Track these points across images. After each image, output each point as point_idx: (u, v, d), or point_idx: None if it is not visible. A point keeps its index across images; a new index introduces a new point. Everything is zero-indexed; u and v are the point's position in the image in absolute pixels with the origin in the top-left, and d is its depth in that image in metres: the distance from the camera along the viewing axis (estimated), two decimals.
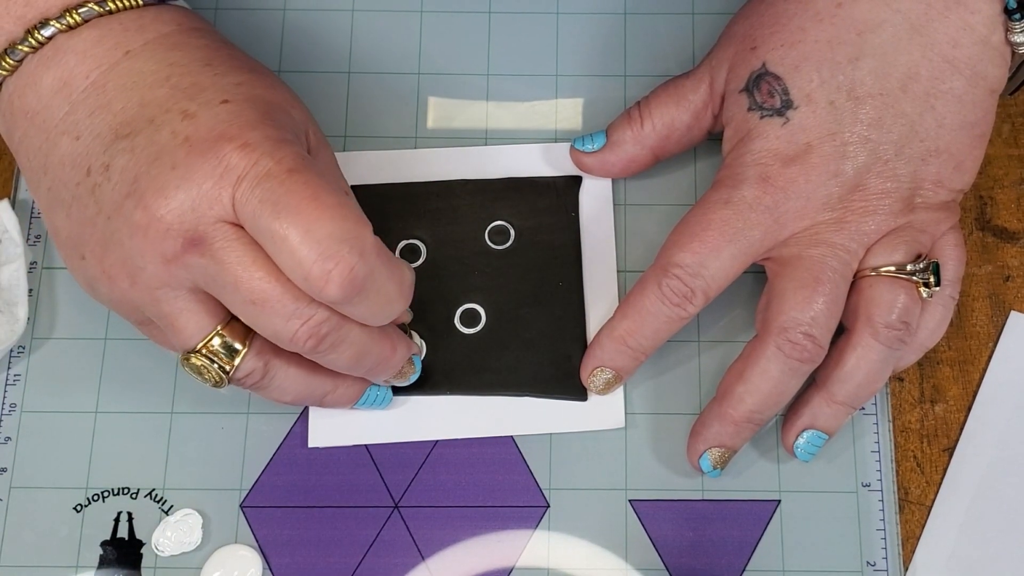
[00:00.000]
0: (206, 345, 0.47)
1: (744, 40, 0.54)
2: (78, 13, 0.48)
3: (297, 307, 0.45)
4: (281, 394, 0.51)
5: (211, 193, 0.44)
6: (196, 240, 0.45)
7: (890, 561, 0.54)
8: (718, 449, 0.53)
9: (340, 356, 0.48)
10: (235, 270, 0.45)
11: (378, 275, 0.45)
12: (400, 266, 0.48)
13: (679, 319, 0.53)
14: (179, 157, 0.45)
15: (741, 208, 0.52)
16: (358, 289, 0.44)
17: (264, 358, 0.49)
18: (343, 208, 0.44)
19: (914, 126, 0.51)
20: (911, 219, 0.52)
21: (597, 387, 0.55)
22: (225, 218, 0.45)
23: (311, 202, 0.43)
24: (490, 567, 0.54)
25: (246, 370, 0.48)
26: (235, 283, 0.45)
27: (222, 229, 0.45)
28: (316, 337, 0.46)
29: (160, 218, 0.45)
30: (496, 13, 0.63)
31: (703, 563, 0.54)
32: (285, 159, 0.44)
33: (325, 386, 0.52)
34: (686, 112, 0.56)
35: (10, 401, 0.56)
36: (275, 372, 0.50)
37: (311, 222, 0.43)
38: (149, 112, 0.47)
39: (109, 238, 0.47)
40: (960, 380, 0.57)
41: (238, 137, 0.45)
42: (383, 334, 0.51)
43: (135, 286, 0.47)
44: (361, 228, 0.45)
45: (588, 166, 0.58)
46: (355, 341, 0.48)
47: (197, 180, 0.44)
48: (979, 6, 0.50)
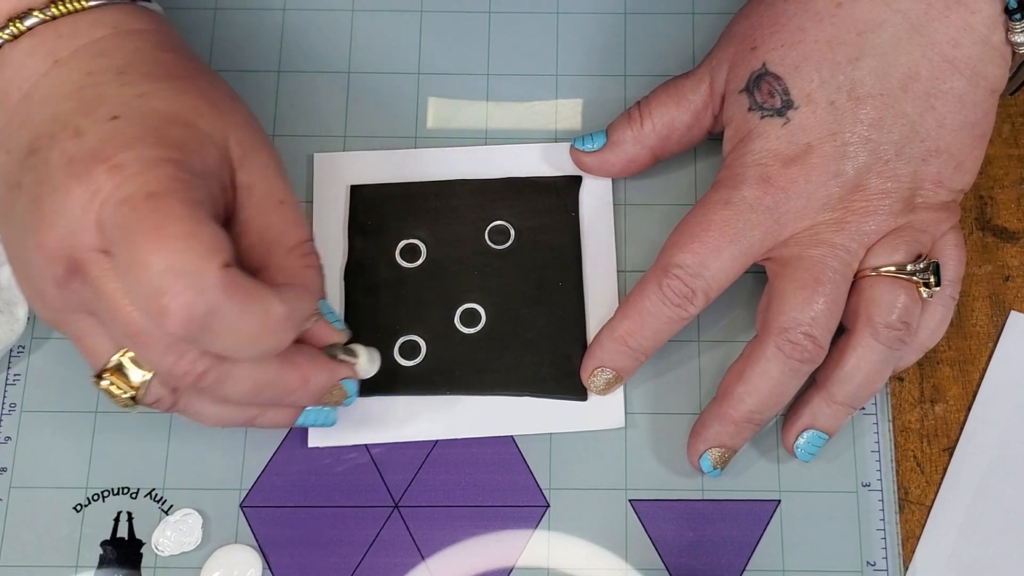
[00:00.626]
0: (108, 369, 0.46)
1: (744, 40, 0.54)
2: (22, 23, 0.47)
3: (171, 341, 0.43)
4: (201, 419, 0.49)
5: (82, 219, 0.42)
6: (75, 267, 0.44)
7: (890, 561, 0.54)
8: (718, 449, 0.53)
9: (232, 391, 0.46)
10: (110, 301, 0.43)
11: (225, 311, 0.42)
12: (262, 300, 0.43)
13: (680, 320, 0.53)
14: (60, 180, 0.43)
15: (741, 208, 0.52)
16: (199, 326, 0.41)
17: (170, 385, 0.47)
18: (189, 239, 0.41)
19: (914, 126, 0.51)
20: (911, 219, 0.52)
21: (597, 387, 0.55)
22: (96, 245, 0.43)
23: (154, 232, 0.41)
24: (490, 567, 0.54)
25: (154, 396, 0.47)
26: (111, 314, 0.44)
27: (95, 258, 0.43)
28: (193, 374, 0.45)
29: (45, 243, 0.43)
30: (496, 13, 0.63)
31: (703, 563, 0.54)
32: (149, 182, 0.42)
33: (247, 411, 0.50)
34: (686, 112, 0.56)
35: (10, 401, 0.56)
36: (186, 399, 0.48)
37: (152, 253, 0.41)
38: (53, 127, 0.45)
39: (21, 257, 0.46)
40: (960, 380, 0.57)
41: (111, 158, 0.43)
42: (286, 364, 0.48)
43: (45, 307, 0.46)
44: (204, 261, 0.41)
45: (588, 166, 0.58)
46: (243, 376, 0.46)
47: (71, 205, 0.43)
48: (979, 6, 0.50)
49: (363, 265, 0.58)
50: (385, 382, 0.56)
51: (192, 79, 0.49)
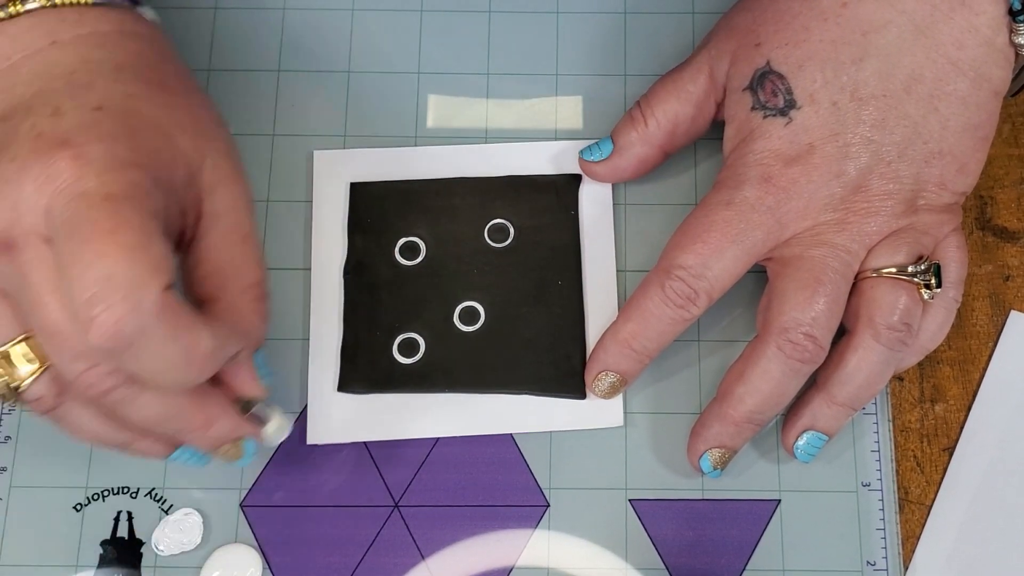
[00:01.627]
0: (5, 351, 0.44)
1: (747, 35, 0.54)
2: (22, 4, 0.47)
3: (84, 349, 0.42)
4: (75, 431, 0.47)
5: (31, 198, 0.41)
6: (7, 244, 0.42)
7: (890, 561, 0.54)
8: (718, 450, 0.53)
9: (134, 415, 0.45)
10: (34, 290, 0.42)
11: (153, 335, 0.40)
12: (193, 331, 0.42)
13: (683, 321, 0.53)
14: (21, 151, 0.42)
15: (743, 209, 0.52)
16: (124, 343, 0.40)
17: (58, 386, 0.46)
18: (138, 252, 0.40)
19: (917, 128, 0.51)
20: (913, 221, 0.52)
21: (602, 391, 0.55)
22: (39, 230, 0.42)
23: (105, 236, 0.39)
24: (490, 567, 0.54)
25: (36, 393, 0.45)
26: (32, 304, 0.42)
27: (33, 242, 0.42)
28: (99, 388, 0.43)
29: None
30: (496, 12, 0.63)
31: (703, 563, 0.54)
32: (109, 183, 0.41)
33: (123, 436, 0.48)
34: (688, 104, 0.56)
35: None
36: (68, 408, 0.46)
37: (96, 257, 0.39)
38: (34, 101, 0.45)
39: None
40: (960, 380, 0.57)
41: (79, 146, 0.42)
42: (195, 403, 0.46)
43: None
44: (148, 279, 0.40)
45: (600, 175, 0.58)
46: (148, 403, 0.45)
47: (24, 179, 0.42)
48: (984, 7, 0.50)
49: (363, 263, 0.58)
50: (384, 380, 0.56)
51: (184, 95, 0.49)
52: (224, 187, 0.48)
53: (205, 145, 0.48)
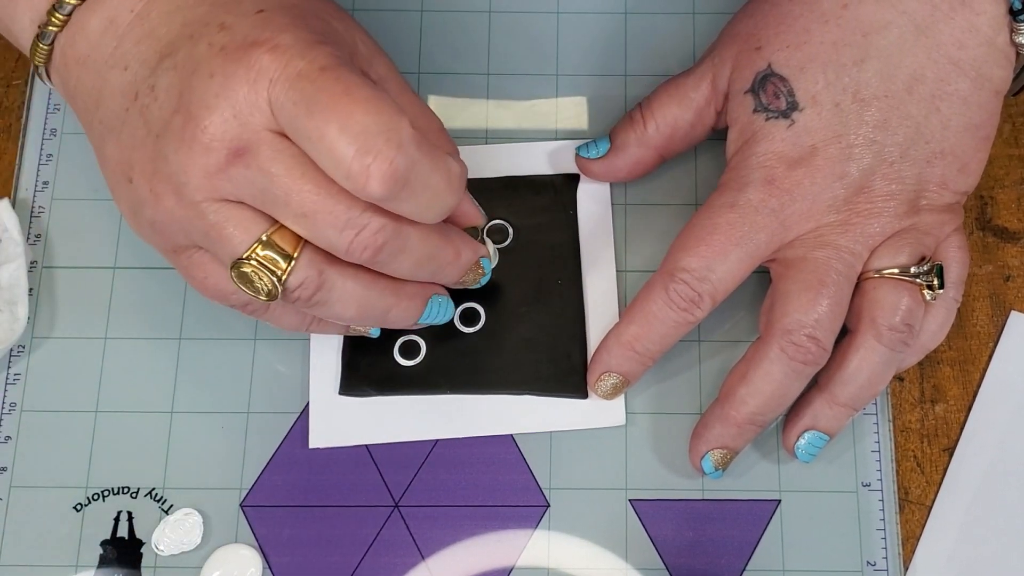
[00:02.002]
0: (253, 252, 0.46)
1: (748, 39, 0.54)
2: None
3: (350, 217, 0.44)
4: (343, 308, 0.49)
5: (248, 98, 0.44)
6: (240, 150, 0.44)
7: (890, 561, 0.54)
8: (720, 450, 0.53)
9: (401, 264, 0.48)
10: (283, 182, 0.44)
11: (420, 167, 0.44)
12: (444, 157, 0.46)
13: (687, 324, 0.53)
14: (216, 65, 0.44)
15: (746, 211, 0.52)
16: (401, 183, 0.43)
17: (318, 267, 0.47)
18: (377, 101, 0.43)
19: (919, 128, 0.51)
20: (916, 221, 0.52)
21: (604, 392, 0.55)
22: (268, 126, 0.44)
23: (343, 97, 0.42)
24: (490, 567, 0.54)
25: (299, 278, 0.47)
26: (284, 195, 0.44)
27: (268, 138, 0.44)
28: (373, 247, 0.45)
29: (204, 128, 0.44)
30: (496, 12, 0.63)
31: (703, 563, 0.54)
32: (317, 58, 0.43)
33: (386, 299, 0.50)
34: (688, 110, 0.56)
35: (10, 400, 0.56)
36: (332, 283, 0.48)
37: (345, 117, 0.42)
38: (189, 30, 0.47)
39: (157, 156, 0.46)
40: (960, 380, 0.57)
41: (269, 41, 0.44)
42: (444, 238, 0.50)
43: (180, 202, 0.46)
44: (397, 120, 0.43)
45: (595, 172, 0.58)
46: (415, 247, 0.47)
47: (234, 86, 0.44)
48: (984, 7, 0.50)
49: None
50: (386, 382, 0.56)
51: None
52: (378, 57, 0.51)
53: (349, 25, 0.50)
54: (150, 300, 0.58)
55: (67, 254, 0.58)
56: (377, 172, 0.42)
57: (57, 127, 0.61)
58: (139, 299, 0.58)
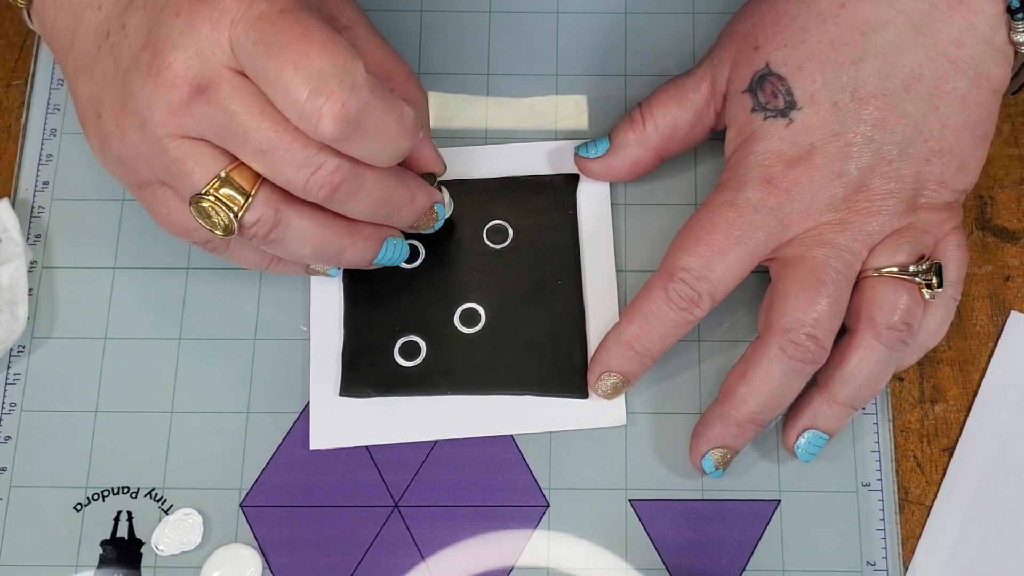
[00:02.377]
0: (211, 187, 0.47)
1: (746, 39, 0.54)
2: None
3: (307, 155, 0.46)
4: (299, 246, 0.50)
5: (211, 37, 0.45)
6: (202, 87, 0.45)
7: (890, 561, 0.54)
8: (720, 450, 0.53)
9: (357, 204, 0.49)
10: (242, 119, 0.45)
11: (373, 110, 0.45)
12: (397, 102, 0.47)
13: (686, 323, 0.53)
14: (182, 5, 0.45)
15: (745, 210, 0.52)
16: (353, 124, 0.44)
17: (274, 204, 0.48)
18: (333, 44, 0.44)
19: (918, 126, 0.51)
20: (914, 220, 0.52)
21: (604, 392, 0.55)
22: (229, 64, 0.45)
23: (300, 39, 0.43)
24: (490, 567, 0.54)
25: (256, 215, 0.48)
26: (243, 133, 0.45)
27: (228, 76, 0.45)
28: (330, 186, 0.47)
29: (168, 65, 0.45)
30: (496, 12, 0.63)
31: (703, 563, 0.54)
32: (278, 1, 0.44)
33: (342, 239, 0.51)
34: (688, 111, 0.56)
35: (10, 400, 0.56)
36: (288, 221, 0.49)
37: (300, 58, 0.43)
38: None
39: (125, 91, 0.47)
40: (960, 380, 0.57)
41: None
42: (400, 181, 0.51)
43: (144, 136, 0.47)
44: (351, 63, 0.44)
45: (594, 172, 0.58)
46: (371, 189, 0.49)
47: (198, 24, 0.45)
48: (982, 6, 0.50)
49: None
50: (386, 383, 0.56)
51: None
52: (346, 4, 0.53)
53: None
54: (150, 300, 0.58)
55: (67, 254, 0.59)
56: (329, 113, 0.43)
57: (57, 127, 0.61)
58: (139, 299, 0.58)
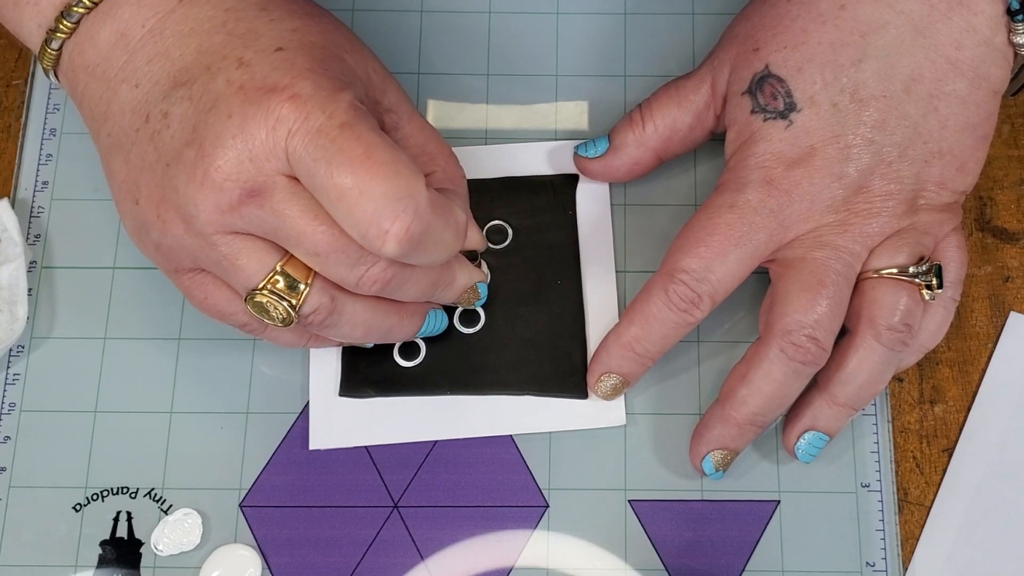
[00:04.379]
0: (269, 282, 0.47)
1: (746, 41, 0.54)
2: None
3: (362, 255, 0.46)
4: (351, 329, 0.50)
5: (266, 144, 0.44)
6: (254, 192, 0.45)
7: (889, 561, 0.54)
8: (720, 451, 0.53)
9: (406, 292, 0.49)
10: (296, 224, 0.45)
11: (434, 227, 0.45)
12: (452, 211, 0.47)
13: (686, 324, 0.53)
14: (234, 106, 0.45)
15: (746, 212, 0.52)
16: (416, 245, 0.44)
17: (330, 293, 0.48)
18: (396, 164, 0.44)
19: (917, 128, 0.51)
20: (914, 221, 0.52)
21: (604, 392, 0.55)
22: (283, 171, 0.45)
23: (364, 161, 0.43)
24: (489, 567, 0.54)
25: (313, 305, 0.48)
26: (297, 236, 0.45)
27: (281, 182, 0.45)
28: (382, 281, 0.47)
29: (219, 168, 0.44)
30: (496, 13, 0.63)
31: (702, 563, 0.54)
32: (337, 113, 0.44)
33: (390, 319, 0.52)
34: (688, 113, 0.56)
35: (9, 400, 0.56)
36: (342, 308, 0.49)
37: (365, 182, 0.43)
38: (206, 60, 0.47)
39: (166, 184, 0.46)
40: (959, 381, 0.57)
41: (289, 88, 0.44)
42: (445, 266, 0.52)
43: (189, 231, 0.47)
44: (414, 184, 0.44)
45: (593, 172, 0.58)
46: (419, 279, 0.49)
47: (252, 130, 0.44)
48: (982, 7, 0.50)
49: None
50: (386, 383, 0.56)
51: (326, 17, 0.51)
52: (389, 85, 0.52)
53: (362, 57, 0.51)
54: (149, 300, 0.58)
55: (66, 254, 0.59)
56: (394, 238, 0.43)
57: (57, 127, 0.61)
58: (138, 299, 0.58)
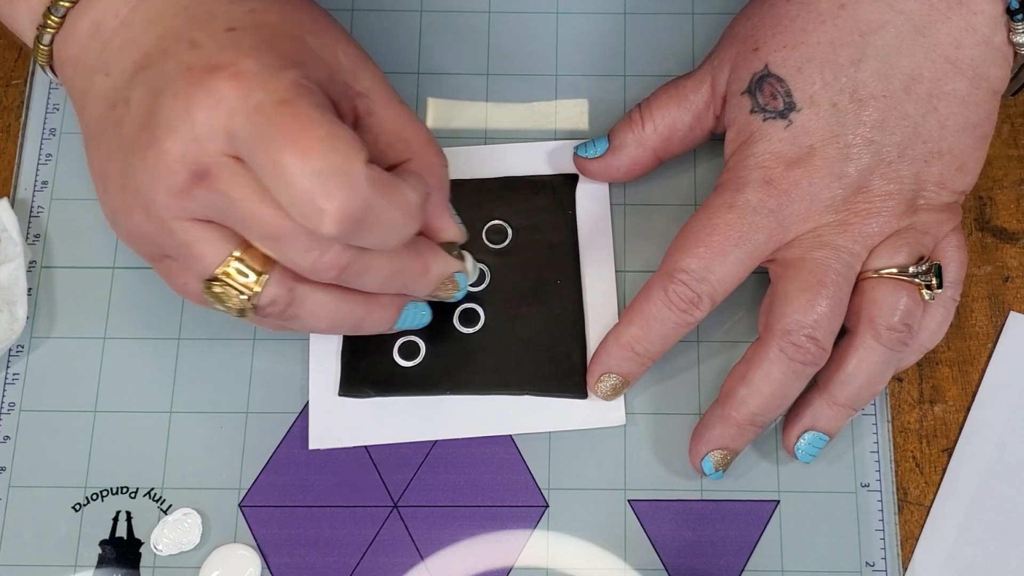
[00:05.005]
0: (224, 271, 0.46)
1: (746, 41, 0.54)
2: None
3: (312, 239, 0.45)
4: (314, 322, 0.49)
5: (208, 124, 0.43)
6: (201, 173, 0.44)
7: (889, 561, 0.54)
8: (720, 451, 0.53)
9: (368, 281, 0.48)
10: (244, 205, 0.44)
11: (375, 205, 0.43)
12: (400, 190, 0.45)
13: (686, 324, 0.53)
14: (180, 87, 0.44)
15: (745, 212, 0.52)
16: (355, 224, 0.42)
17: (287, 284, 0.47)
18: (331, 140, 0.42)
19: (917, 128, 0.51)
20: (914, 221, 0.52)
21: (604, 392, 0.55)
22: (227, 151, 0.44)
23: (297, 137, 0.42)
24: (489, 567, 0.54)
25: (270, 296, 0.47)
26: (247, 219, 0.45)
27: (227, 163, 0.44)
28: (338, 267, 0.46)
29: (167, 150, 0.44)
30: (496, 13, 0.63)
31: (702, 563, 0.54)
32: (277, 90, 0.43)
33: (358, 311, 0.50)
34: (687, 113, 0.56)
35: (9, 400, 0.56)
36: (302, 299, 0.48)
37: (298, 158, 0.41)
38: (164, 43, 0.47)
39: (127, 169, 0.46)
40: (959, 380, 0.57)
41: (232, 65, 0.43)
42: (413, 253, 0.50)
43: (149, 218, 0.46)
44: (350, 159, 0.42)
45: (593, 172, 0.58)
46: (381, 265, 0.48)
47: (195, 110, 0.43)
48: (981, 7, 0.50)
49: None
50: (385, 383, 0.56)
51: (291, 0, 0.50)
52: (363, 69, 0.51)
53: (330, 39, 0.50)
54: (149, 300, 0.58)
55: (66, 254, 0.59)
56: (330, 215, 0.42)
57: (56, 127, 0.61)
58: (138, 299, 0.58)
